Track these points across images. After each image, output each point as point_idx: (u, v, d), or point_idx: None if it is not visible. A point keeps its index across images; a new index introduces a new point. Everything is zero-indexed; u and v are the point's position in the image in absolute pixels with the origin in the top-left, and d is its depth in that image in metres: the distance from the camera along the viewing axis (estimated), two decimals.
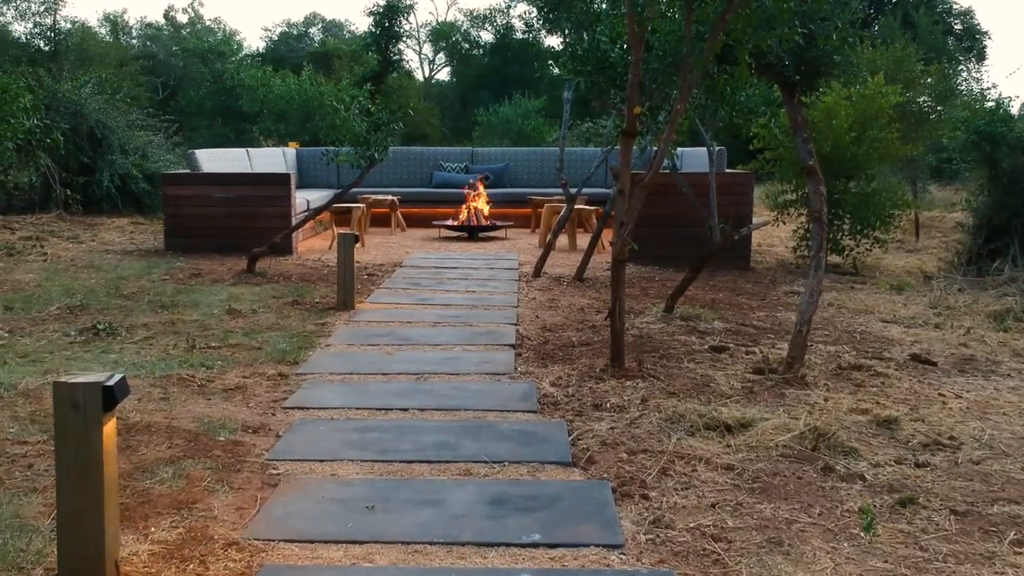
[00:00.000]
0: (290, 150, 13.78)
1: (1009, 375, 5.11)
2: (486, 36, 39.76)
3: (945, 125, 12.69)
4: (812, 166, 5.05)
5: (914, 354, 5.59)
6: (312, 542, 2.73)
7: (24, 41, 24.72)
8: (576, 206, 9.88)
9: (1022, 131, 9.70)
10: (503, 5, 38.06)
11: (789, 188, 10.04)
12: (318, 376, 4.67)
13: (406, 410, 4.06)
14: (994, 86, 42.46)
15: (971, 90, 17.86)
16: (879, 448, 3.73)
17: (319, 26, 45.60)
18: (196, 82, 24.65)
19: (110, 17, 35.22)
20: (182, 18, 36.90)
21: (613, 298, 4.75)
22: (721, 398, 4.38)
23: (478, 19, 40.13)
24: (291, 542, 2.73)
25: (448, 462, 3.40)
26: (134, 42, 34.20)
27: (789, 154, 9.83)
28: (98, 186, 13.16)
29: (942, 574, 2.66)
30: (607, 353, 5.35)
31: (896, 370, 5.17)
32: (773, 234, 11.24)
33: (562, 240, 10.26)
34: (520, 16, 38.09)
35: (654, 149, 13.47)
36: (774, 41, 4.84)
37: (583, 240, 11.09)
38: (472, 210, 11.68)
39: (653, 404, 4.23)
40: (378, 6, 23.84)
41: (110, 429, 2.27)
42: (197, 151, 10.02)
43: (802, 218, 10.10)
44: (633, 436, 3.77)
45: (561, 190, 12.27)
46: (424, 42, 45.48)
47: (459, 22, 42.85)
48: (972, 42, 29.81)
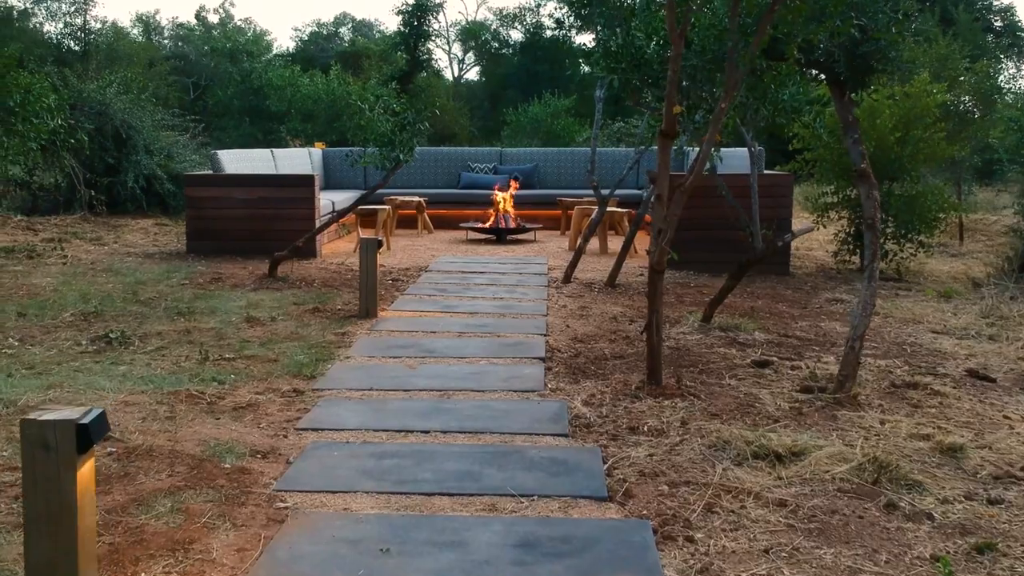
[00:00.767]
0: (316, 150, 13.58)
1: None
2: (515, 35, 39.47)
3: (992, 125, 12.25)
4: (864, 169, 4.70)
5: (971, 369, 5.22)
6: None
7: (55, 41, 24.78)
8: (607, 208, 9.56)
9: None
10: (533, 4, 37.72)
11: (829, 190, 9.68)
12: (335, 392, 4.39)
13: (427, 432, 3.77)
14: None
15: (1019, 88, 17.28)
16: (945, 481, 3.39)
17: (349, 26, 45.61)
18: (224, 82, 24.58)
19: (142, 18, 35.42)
20: (213, 18, 37.01)
21: (650, 310, 4.44)
22: (768, 421, 4.05)
23: (507, 18, 39.84)
24: None
25: (472, 495, 3.10)
26: (166, 42, 34.35)
27: (829, 154, 9.46)
28: (123, 187, 13.02)
29: None
30: (642, 367, 5.04)
31: (953, 388, 4.81)
32: (812, 237, 10.84)
33: (592, 243, 9.95)
34: (550, 15, 37.77)
35: (689, 150, 13.09)
36: (824, 35, 4.51)
37: (614, 243, 10.77)
38: (501, 212, 11.39)
39: (694, 427, 3.91)
40: (407, 5, 23.63)
41: (87, 473, 2.00)
42: (220, 152, 9.81)
43: (843, 221, 9.74)
44: (674, 465, 3.45)
45: (592, 192, 12.04)
46: (453, 41, 45.28)
47: (488, 21, 42.61)
48: (1013, 39, 29.08)
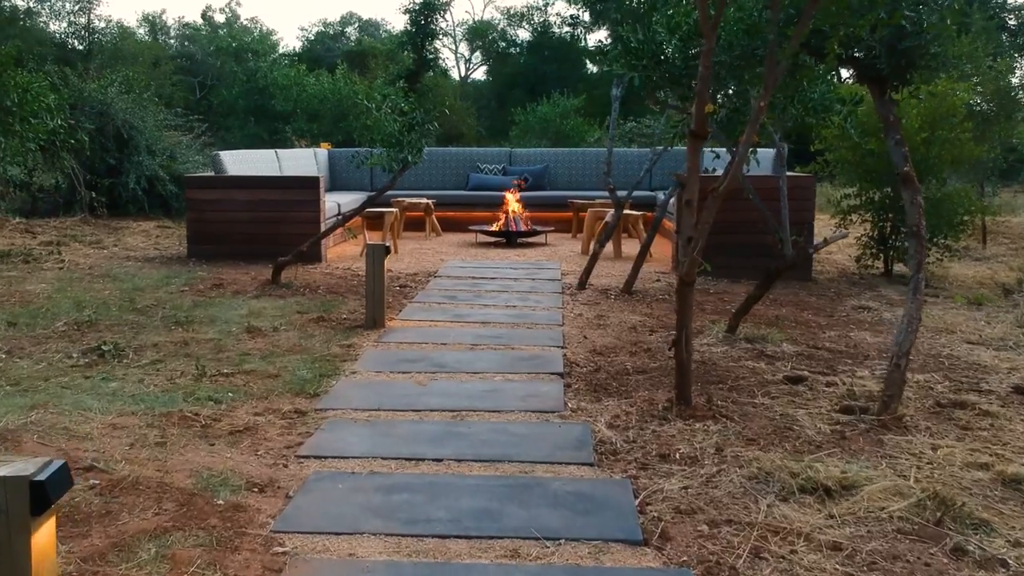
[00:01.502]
0: (322, 151, 13.27)
1: None
2: (523, 34, 39.17)
3: (1015, 124, 11.88)
4: (908, 173, 4.38)
5: (1017, 386, 4.89)
6: None
7: (59, 40, 24.52)
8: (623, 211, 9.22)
9: None
10: (540, 3, 37.40)
11: (851, 192, 9.36)
12: (340, 413, 4.08)
13: (440, 461, 3.45)
14: None
15: None
16: (1014, 519, 3.06)
17: (355, 25, 45.40)
18: (229, 81, 24.27)
19: (148, 17, 35.20)
20: (219, 18, 36.78)
21: (679, 325, 4.12)
22: (809, 446, 3.73)
23: (515, 17, 39.54)
24: None
25: (491, 538, 2.78)
26: (172, 42, 34.14)
27: (852, 155, 9.15)
28: (124, 188, 12.75)
29: None
30: (668, 383, 4.72)
31: (1002, 407, 4.47)
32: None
33: (606, 247, 9.61)
34: (558, 14, 37.49)
35: (659, 148, 12.75)
36: (865, 28, 4.19)
37: (628, 247, 10.44)
38: (511, 214, 11.08)
39: (731, 455, 3.59)
40: (414, 4, 23.31)
41: (44, 537, 1.69)
42: (222, 152, 9.52)
43: (866, 224, 9.41)
44: (712, 500, 3.13)
45: (607, 194, 11.66)
46: (460, 41, 45.00)
47: (496, 20, 42.33)
48: None
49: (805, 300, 7.56)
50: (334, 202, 10.41)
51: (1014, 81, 16.33)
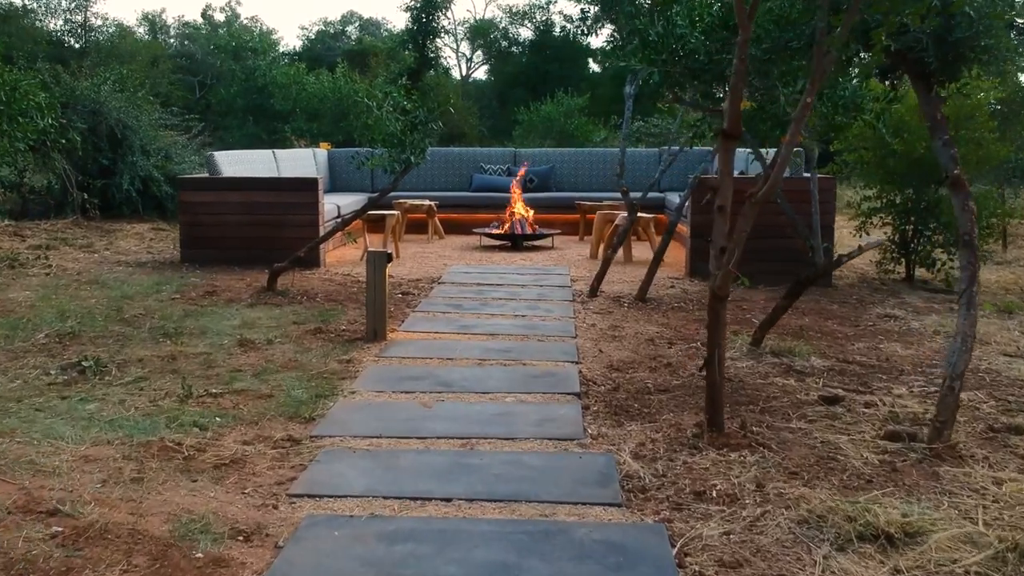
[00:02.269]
0: (321, 151, 12.90)
1: None
2: (525, 33, 38.83)
3: None
4: (958, 176, 4.00)
5: None
6: None
7: (55, 39, 24.13)
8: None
9: None
10: (543, 1, 37.02)
11: (871, 194, 8.99)
12: (338, 440, 3.70)
13: (449, 500, 3.07)
14: None
15: None
16: None
17: (356, 24, 45.12)
18: (227, 80, 23.89)
19: (148, 16, 34.88)
20: (219, 17, 36.45)
21: (710, 344, 3.74)
22: (859, 481, 3.36)
23: (517, 15, 39.18)
24: None
25: None
26: (172, 41, 33.83)
27: (872, 156, 8.78)
28: (118, 189, 12.37)
29: None
30: (694, 404, 4.35)
31: None
32: (850, 244, 10.12)
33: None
34: (560, 12, 37.16)
35: (675, 148, 12.34)
36: (911, 19, 3.82)
37: (637, 250, 10.07)
38: (516, 216, 10.70)
39: (773, 491, 3.21)
40: (416, 1, 22.95)
41: None
42: (217, 153, 9.14)
43: (887, 228, 9.05)
44: (759, 550, 2.76)
45: (617, 196, 11.26)
46: (461, 40, 44.66)
47: (497, 19, 41.98)
48: None
49: (827, 308, 7.19)
50: (333, 204, 10.04)
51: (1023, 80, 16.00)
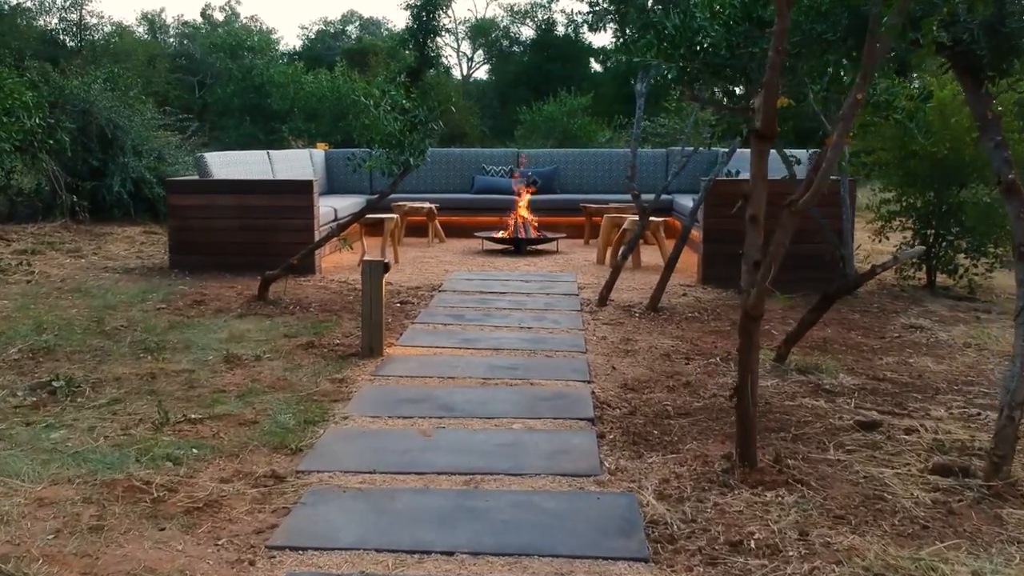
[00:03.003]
0: (318, 152, 12.51)
1: None
2: (527, 32, 38.48)
3: None
4: (1012, 181, 3.61)
5: None
6: None
7: (49, 36, 23.74)
8: (636, 217, 8.45)
9: None
10: (545, 0, 36.67)
11: (891, 197, 8.61)
12: (327, 477, 3.32)
13: (451, 555, 2.69)
14: None
15: None
16: None
17: (356, 24, 44.85)
18: (224, 79, 23.50)
19: (147, 16, 34.56)
20: (219, 16, 36.12)
21: (742, 370, 3.36)
22: (914, 526, 2.97)
23: (518, 14, 38.82)
24: None
25: None
26: (171, 41, 33.54)
27: (892, 157, 8.40)
28: (108, 191, 11.98)
29: None
30: (718, 430, 3.98)
31: None
32: (869, 249, 9.74)
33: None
34: (563, 10, 36.87)
35: (720, 151, 11.89)
36: (962, 8, 3.45)
37: (646, 254, 9.69)
38: (519, 220, 10.32)
39: (819, 540, 2.83)
40: None
41: None
42: (207, 154, 8.76)
43: (907, 232, 8.67)
44: None
45: (631, 199, 10.80)
46: (462, 39, 44.32)
47: (499, 18, 41.65)
48: None
49: (849, 317, 6.81)
50: (330, 207, 9.66)
51: None
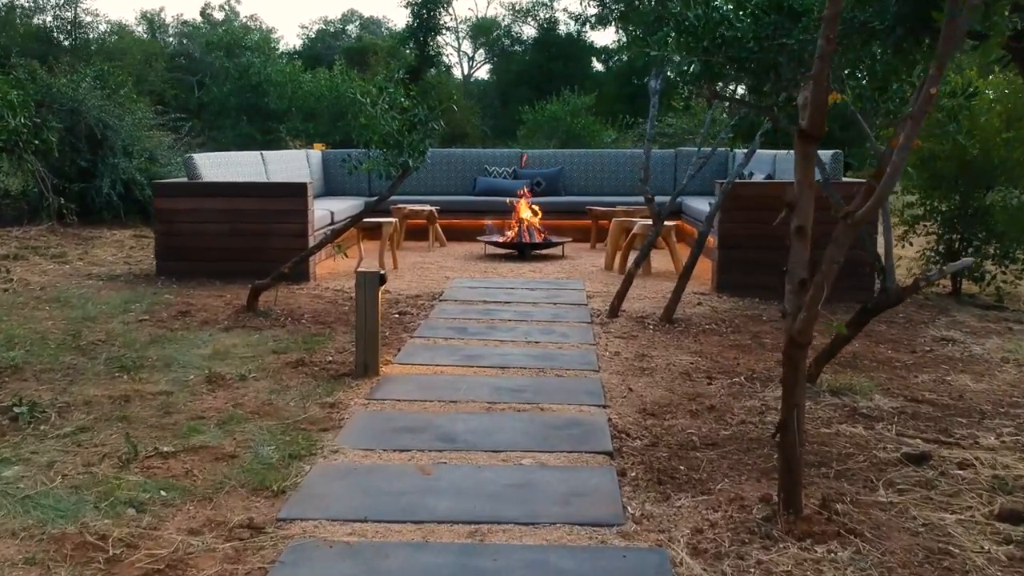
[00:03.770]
0: (315, 152, 12.09)
1: None
2: (528, 31, 38.10)
3: None
4: None
5: None
6: None
7: (43, 35, 23.31)
8: (647, 221, 8.03)
9: None
10: None
11: (914, 200, 8.20)
12: (311, 527, 2.90)
13: None
14: None
15: None
16: None
17: (356, 23, 44.55)
18: (221, 78, 23.08)
19: (147, 15, 34.21)
20: (219, 15, 35.76)
21: (786, 405, 2.94)
22: None
23: (520, 12, 38.42)
24: None
25: None
26: (171, 40, 33.22)
27: (914, 158, 7.99)
28: (97, 193, 11.57)
29: None
30: (751, 465, 3.56)
31: None
32: (895, 254, 9.30)
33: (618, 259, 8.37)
34: (565, 9, 36.50)
35: (733, 152, 11.43)
36: None
37: (656, 260, 9.26)
38: (523, 223, 9.90)
39: None
40: None
41: None
42: (196, 155, 8.34)
43: (931, 237, 8.26)
44: None
45: (628, 202, 10.47)
46: (463, 39, 43.96)
47: (500, 16, 41.29)
48: None
49: (876, 329, 6.38)
50: (327, 210, 9.25)
51: None
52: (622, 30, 35.28)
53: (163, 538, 2.79)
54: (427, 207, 10.60)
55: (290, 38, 50.57)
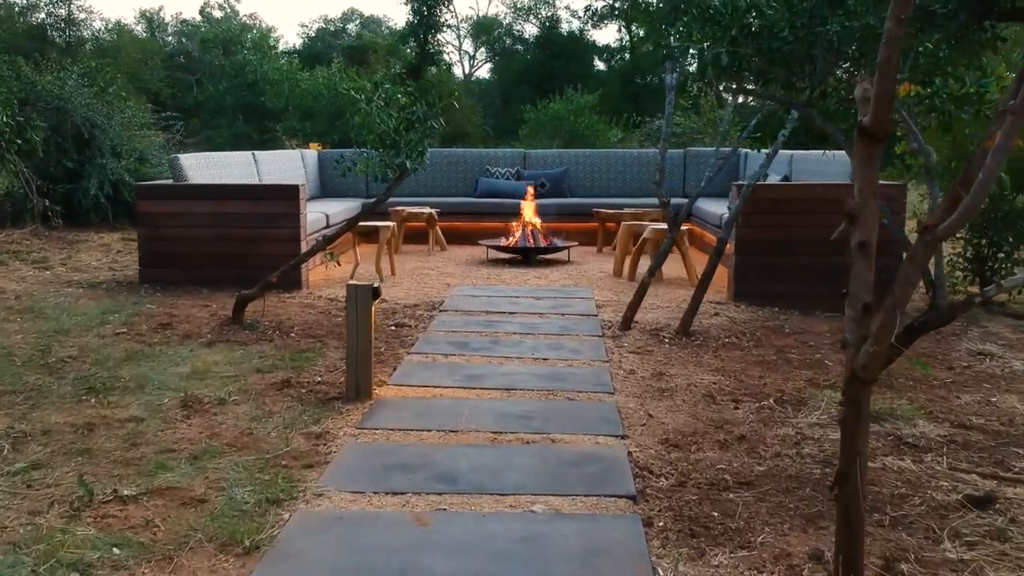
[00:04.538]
0: (310, 152, 11.64)
1: None
2: (530, 29, 37.70)
3: None
4: None
5: None
6: None
7: (36, 32, 22.86)
8: (658, 224, 7.60)
9: None
10: None
11: (940, 203, 7.75)
12: None
13: None
14: None
15: None
16: None
17: (357, 22, 44.23)
18: (216, 76, 22.63)
19: (146, 14, 33.85)
20: (218, 14, 35.38)
21: (845, 453, 2.49)
22: None
23: (522, 10, 38.01)
24: None
25: None
26: (170, 39, 32.88)
27: (941, 157, 7.56)
28: (84, 195, 11.13)
29: None
30: (794, 510, 3.12)
31: None
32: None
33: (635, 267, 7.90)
34: (567, 7, 36.14)
35: (745, 152, 10.91)
36: None
37: (667, 265, 8.80)
38: (527, 226, 9.46)
39: None
40: None
41: None
42: (183, 156, 7.89)
43: (958, 242, 7.83)
44: None
45: (644, 203, 10.01)
46: (464, 37, 43.56)
47: (501, 15, 40.90)
48: None
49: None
50: (321, 213, 8.82)
51: None
52: (625, 28, 34.84)
53: None
54: (427, 209, 10.16)
55: (290, 37, 50.14)
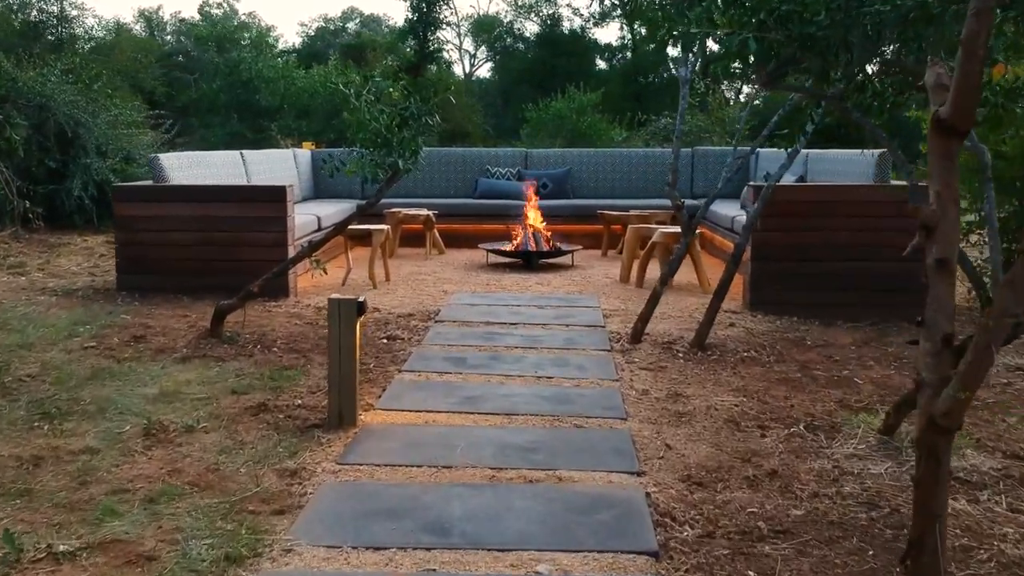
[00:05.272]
0: (303, 152, 11.19)
1: None
2: (531, 27, 37.30)
3: None
4: None
5: None
6: None
7: (27, 30, 22.40)
8: (667, 227, 7.17)
9: None
10: None
11: (965, 205, 7.32)
12: None
13: None
14: None
15: None
16: None
17: (357, 21, 43.92)
18: (210, 74, 22.17)
19: (144, 13, 33.50)
20: (217, 13, 34.98)
21: (922, 513, 2.05)
22: None
23: (523, 8, 37.60)
24: None
25: None
26: (168, 38, 32.51)
27: (966, 158, 7.12)
28: (67, 196, 10.68)
29: None
30: (840, 566, 2.67)
31: None
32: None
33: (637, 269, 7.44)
34: (568, 4, 35.80)
35: (743, 149, 10.59)
36: None
37: (678, 272, 8.34)
38: (530, 229, 9.02)
39: None
40: None
41: None
42: (163, 155, 7.45)
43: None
44: None
45: (651, 205, 9.52)
46: (464, 36, 43.17)
47: (502, 14, 40.52)
48: None
49: None
50: (312, 215, 8.37)
51: None
52: (627, 26, 34.38)
53: None
54: (424, 211, 9.71)
55: (290, 36, 49.78)
